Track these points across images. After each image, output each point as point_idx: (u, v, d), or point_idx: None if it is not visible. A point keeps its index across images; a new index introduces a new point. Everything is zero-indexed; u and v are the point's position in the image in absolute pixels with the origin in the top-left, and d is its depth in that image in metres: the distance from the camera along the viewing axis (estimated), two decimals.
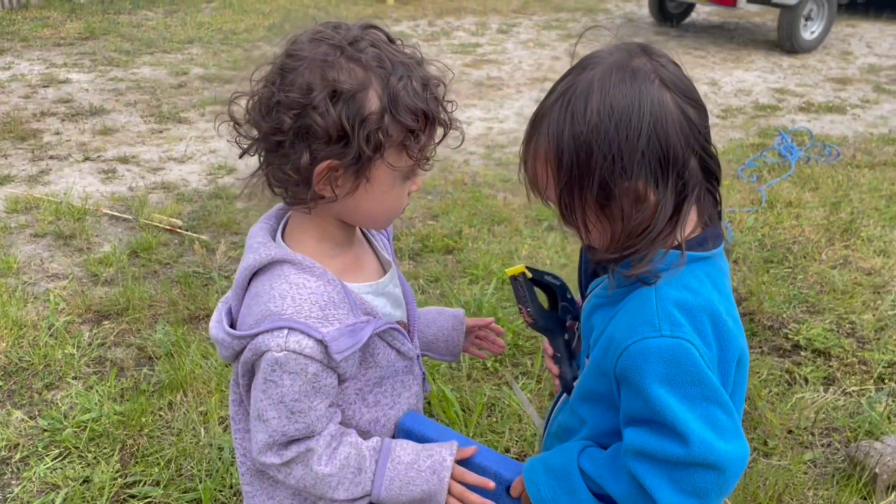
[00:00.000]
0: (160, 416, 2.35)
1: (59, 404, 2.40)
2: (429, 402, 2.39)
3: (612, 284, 1.05)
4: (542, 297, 1.27)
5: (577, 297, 1.28)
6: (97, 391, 2.45)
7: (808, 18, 7.76)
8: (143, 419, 2.31)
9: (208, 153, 4.60)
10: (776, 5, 7.59)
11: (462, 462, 1.17)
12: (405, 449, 1.15)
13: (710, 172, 1.03)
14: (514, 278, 1.23)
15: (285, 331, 1.01)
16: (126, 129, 4.96)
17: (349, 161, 1.00)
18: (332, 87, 0.98)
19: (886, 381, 2.66)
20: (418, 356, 1.26)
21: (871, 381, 2.65)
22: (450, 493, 1.14)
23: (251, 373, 1.09)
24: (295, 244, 1.11)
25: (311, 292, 1.04)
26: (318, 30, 1.03)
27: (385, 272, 1.22)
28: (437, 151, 1.11)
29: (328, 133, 0.98)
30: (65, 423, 2.31)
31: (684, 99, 0.98)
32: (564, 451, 1.12)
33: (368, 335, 1.07)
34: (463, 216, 3.76)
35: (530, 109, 4.47)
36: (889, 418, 2.46)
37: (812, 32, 7.87)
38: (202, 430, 2.28)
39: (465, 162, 4.60)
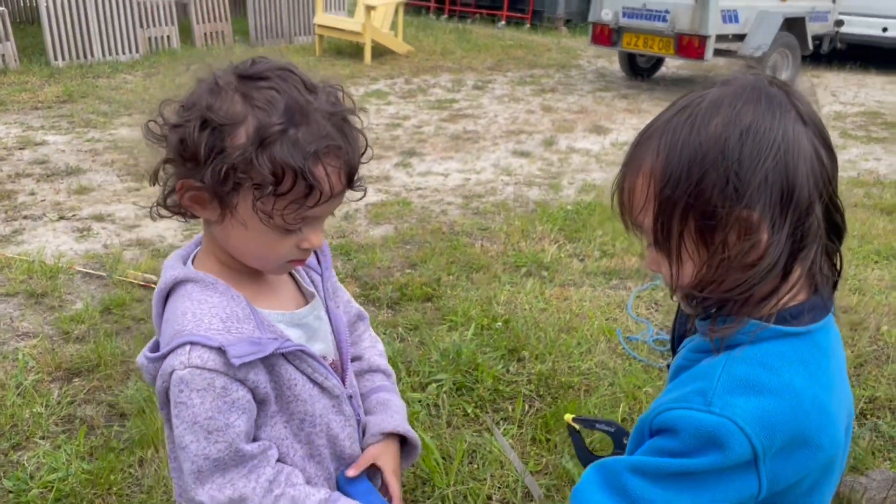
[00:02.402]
0: (130, 473, 2.27)
1: (26, 465, 2.31)
2: None
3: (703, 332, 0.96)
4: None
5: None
6: (65, 450, 2.36)
7: (773, 70, 8.00)
8: (112, 477, 2.23)
9: None
10: (742, 58, 7.83)
11: None
12: None
13: (834, 228, 0.92)
14: (569, 425, 1.30)
15: (187, 347, 0.99)
16: (102, 188, 4.95)
17: (206, 187, 0.99)
18: (205, 115, 0.98)
19: (868, 416, 2.65)
20: (350, 396, 1.21)
21: (854, 417, 2.63)
22: None
23: (168, 402, 1.05)
24: (201, 267, 1.10)
25: (211, 306, 1.03)
26: (242, 61, 1.03)
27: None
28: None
29: (189, 152, 0.99)
30: (31, 484, 2.22)
31: (819, 139, 0.88)
32: None
33: (272, 349, 1.03)
34: (441, 264, 3.75)
35: (506, 161, 4.58)
36: (873, 453, 2.43)
37: None
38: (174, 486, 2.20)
39: (443, 212, 4.62)
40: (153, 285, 3.50)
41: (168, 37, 9.42)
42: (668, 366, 1.08)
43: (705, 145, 0.85)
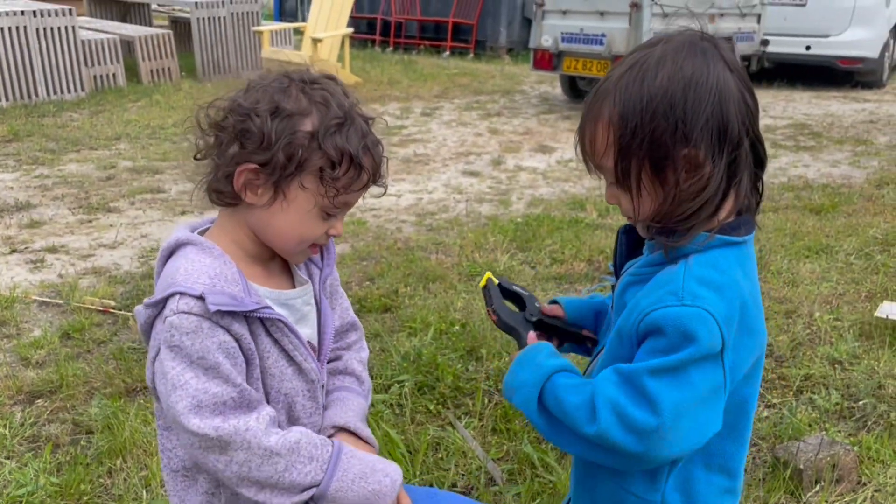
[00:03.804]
0: (99, 483, 2.29)
1: None
2: None
3: (652, 249, 1.12)
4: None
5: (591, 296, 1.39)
6: (32, 467, 2.37)
7: None
8: (82, 487, 2.25)
9: (139, 238, 4.61)
10: None
11: None
12: (356, 454, 1.21)
13: (758, 159, 1.09)
14: (484, 288, 1.35)
15: (177, 296, 1.10)
16: (54, 221, 4.93)
17: (269, 170, 1.11)
18: (276, 105, 1.12)
19: (805, 392, 2.83)
20: (323, 386, 1.28)
21: (791, 393, 2.81)
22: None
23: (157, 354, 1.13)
24: (209, 239, 1.20)
25: (203, 265, 1.14)
26: (289, 70, 1.19)
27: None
28: (359, 203, 1.21)
29: (259, 137, 1.11)
30: None
31: (743, 84, 1.05)
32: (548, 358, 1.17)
33: (251, 307, 1.12)
34: (398, 277, 3.86)
35: (457, 180, 4.76)
36: (810, 425, 2.61)
37: None
38: (144, 492, 2.24)
39: (398, 229, 4.74)
40: (112, 310, 3.52)
41: (114, 74, 9.41)
42: (612, 287, 1.24)
43: (655, 98, 1.02)
